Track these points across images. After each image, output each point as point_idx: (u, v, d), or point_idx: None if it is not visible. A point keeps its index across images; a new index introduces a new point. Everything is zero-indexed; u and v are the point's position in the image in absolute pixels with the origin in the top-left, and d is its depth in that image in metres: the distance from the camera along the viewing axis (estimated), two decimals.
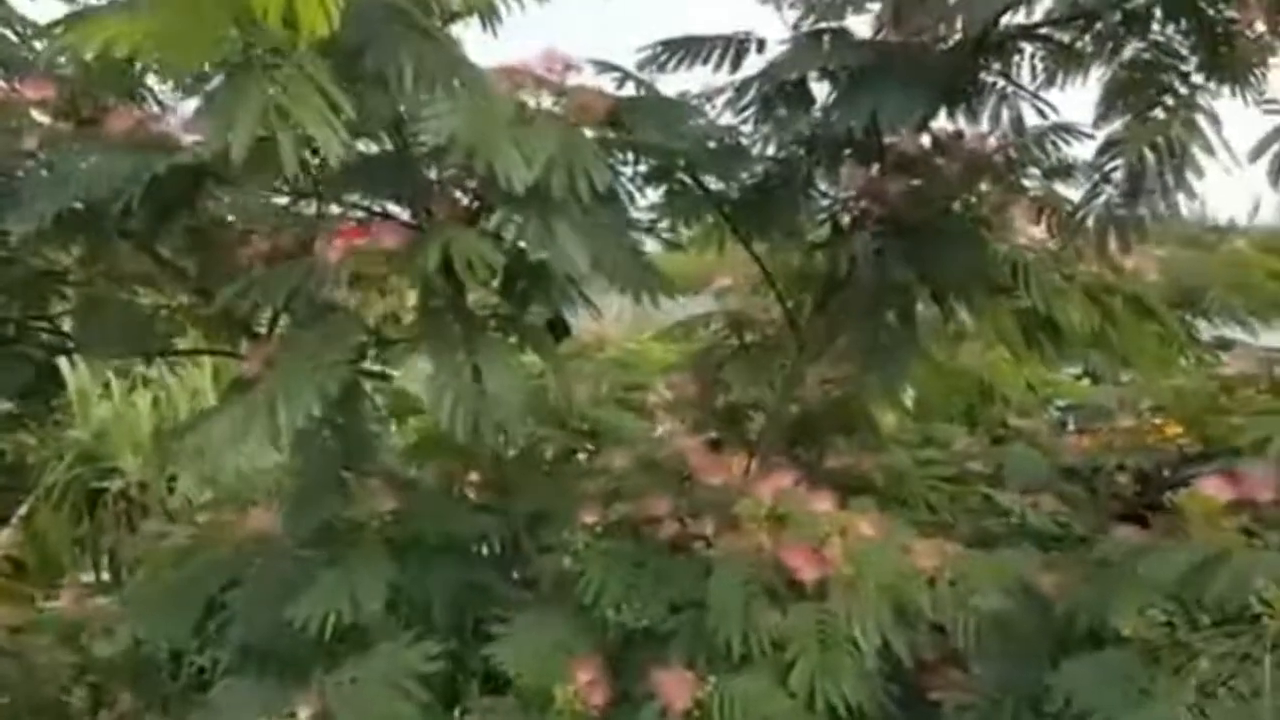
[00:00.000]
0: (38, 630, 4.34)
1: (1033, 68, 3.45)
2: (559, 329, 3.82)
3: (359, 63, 2.36)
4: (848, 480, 3.92)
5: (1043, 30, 3.21)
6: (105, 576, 6.12)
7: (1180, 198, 2.70)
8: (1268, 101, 3.00)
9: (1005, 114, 3.29)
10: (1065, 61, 3.39)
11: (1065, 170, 3.50)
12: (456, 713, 2.95)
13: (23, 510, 6.44)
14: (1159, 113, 2.78)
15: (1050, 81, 3.44)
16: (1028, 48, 3.40)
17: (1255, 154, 2.56)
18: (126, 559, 5.75)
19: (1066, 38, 3.35)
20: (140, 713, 3.99)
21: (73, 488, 6.55)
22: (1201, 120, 2.73)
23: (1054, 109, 3.31)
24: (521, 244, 2.55)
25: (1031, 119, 3.51)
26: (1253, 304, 5.18)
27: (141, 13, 2.09)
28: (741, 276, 4.08)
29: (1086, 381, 5.95)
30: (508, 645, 2.92)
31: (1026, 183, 3.54)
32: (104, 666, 4.15)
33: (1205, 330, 5.36)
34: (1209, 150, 2.66)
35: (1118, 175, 2.85)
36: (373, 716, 2.73)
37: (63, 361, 5.43)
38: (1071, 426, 5.49)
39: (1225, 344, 5.02)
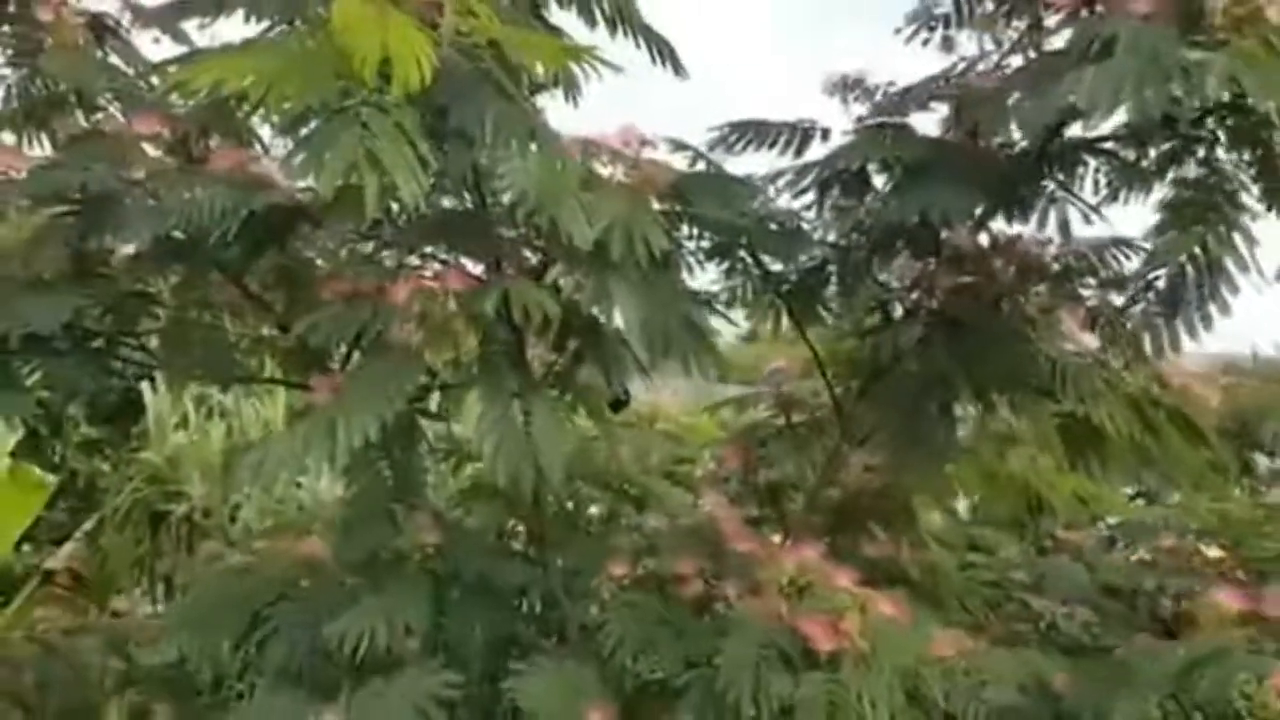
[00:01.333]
0: (88, 634, 4.55)
1: (1095, 181, 3.55)
2: (620, 403, 3.99)
3: (445, 119, 2.57)
4: (882, 571, 3.99)
5: (1107, 145, 3.32)
6: (160, 596, 6.34)
7: (1215, 311, 2.78)
8: None
9: (1056, 221, 3.39)
10: (1128, 177, 3.49)
11: (1119, 282, 3.58)
12: None
13: (88, 526, 6.71)
14: (1200, 228, 2.88)
15: (1114, 196, 3.55)
16: (1091, 161, 3.51)
17: None
18: (182, 580, 5.97)
19: (1132, 154, 3.46)
20: None
21: (138, 509, 6.82)
22: (1238, 238, 2.83)
23: (1105, 220, 3.41)
24: (578, 298, 2.71)
25: (1091, 231, 3.62)
26: None
27: (249, 57, 2.31)
28: (794, 360, 4.20)
29: (1142, 501, 5.94)
30: (529, 683, 3.03)
31: (1083, 291, 3.62)
32: (146, 676, 4.33)
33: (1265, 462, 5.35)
34: (1243, 267, 2.75)
35: (1160, 285, 2.94)
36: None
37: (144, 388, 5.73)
38: (1120, 545, 5.49)
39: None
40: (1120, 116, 2.77)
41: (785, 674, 2.90)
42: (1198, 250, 2.81)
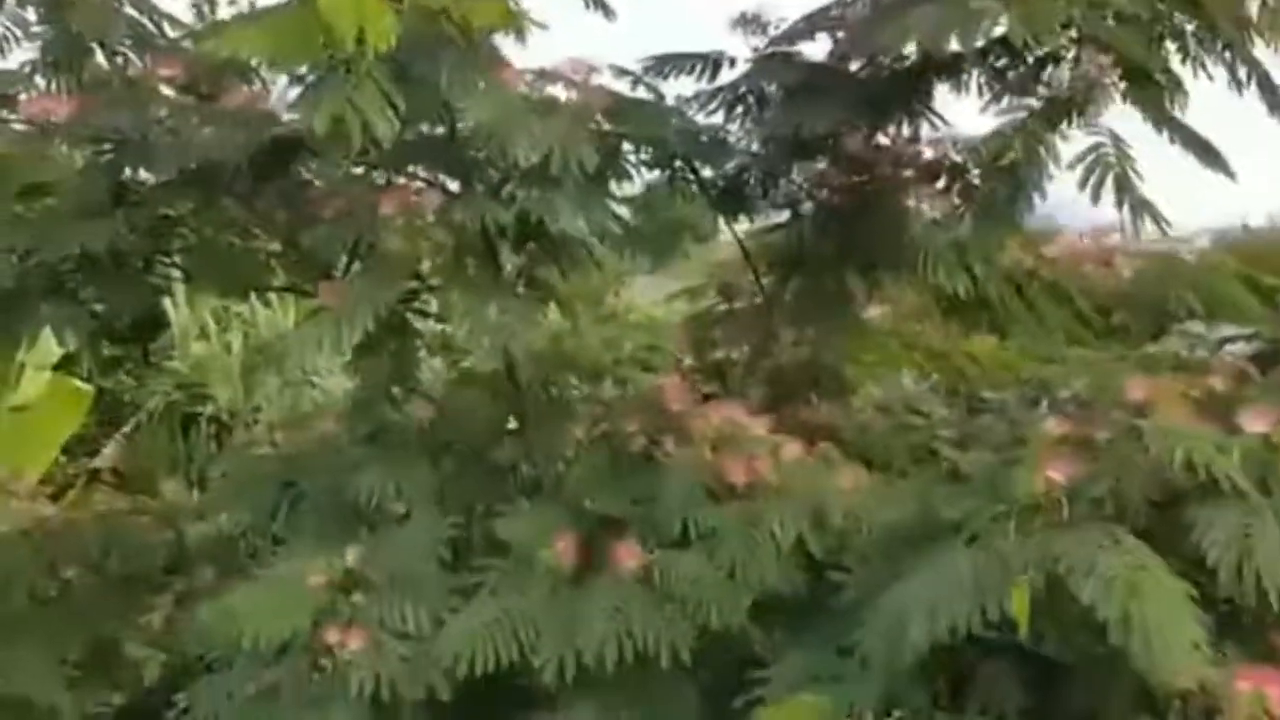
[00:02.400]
0: (141, 514, 5.32)
1: (979, 87, 4.16)
2: None
3: (411, 69, 3.21)
4: (817, 431, 4.68)
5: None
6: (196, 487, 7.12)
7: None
8: None
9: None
10: (1005, 85, 4.10)
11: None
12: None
13: (126, 429, 7.48)
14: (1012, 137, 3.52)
15: (996, 99, 4.16)
16: (975, 71, 4.12)
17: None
18: (215, 472, 6.73)
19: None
20: (220, 580, 4.90)
21: (170, 413, 7.57)
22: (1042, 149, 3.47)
23: (950, 125, 4.03)
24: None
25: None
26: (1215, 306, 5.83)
27: (259, 30, 2.95)
28: (732, 252, 4.86)
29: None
30: (508, 523, 3.76)
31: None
32: (194, 544, 5.09)
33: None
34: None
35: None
36: (402, 559, 3.58)
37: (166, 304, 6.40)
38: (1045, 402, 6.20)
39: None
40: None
41: (710, 505, 3.62)
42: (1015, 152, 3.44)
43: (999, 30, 3.27)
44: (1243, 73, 3.83)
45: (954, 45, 3.21)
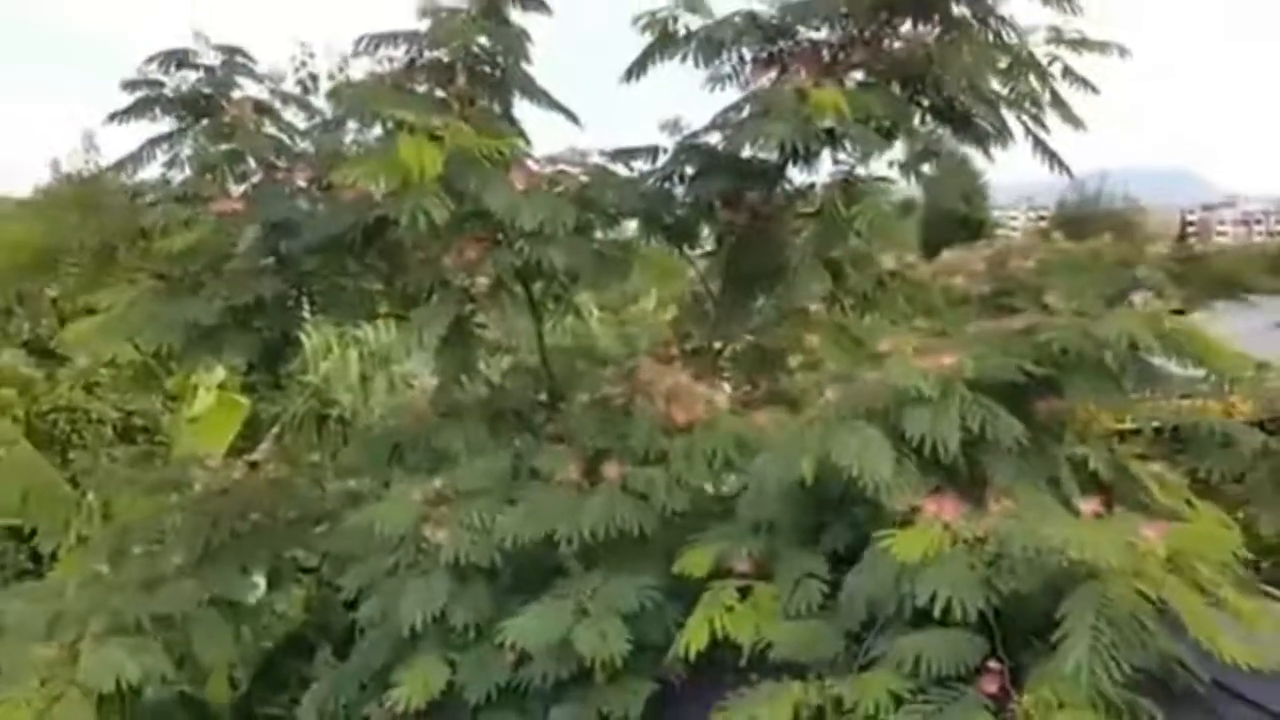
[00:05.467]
0: (299, 476, 7.54)
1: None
2: None
3: (455, 181, 5.32)
4: (774, 396, 6.66)
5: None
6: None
7: None
8: None
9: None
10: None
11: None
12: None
13: (275, 430, 9.78)
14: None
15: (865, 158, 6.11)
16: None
17: None
18: (344, 455, 8.98)
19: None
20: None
21: (307, 415, 9.87)
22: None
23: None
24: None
25: None
26: None
27: (367, 164, 5.12)
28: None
29: None
30: (539, 458, 5.82)
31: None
32: (333, 497, 7.26)
33: None
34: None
35: None
36: (470, 479, 5.67)
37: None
38: None
39: None
40: None
41: (664, 438, 5.63)
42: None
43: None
44: None
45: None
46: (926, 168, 5.47)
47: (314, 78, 15.63)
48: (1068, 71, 5.90)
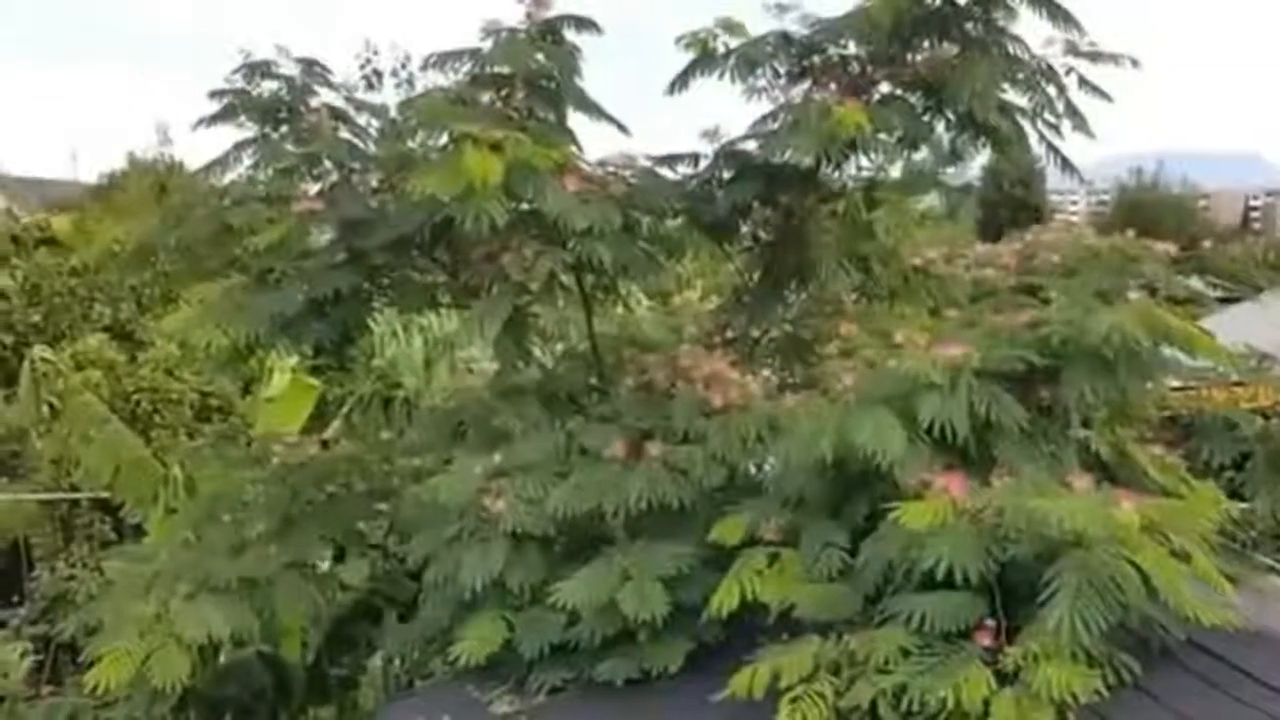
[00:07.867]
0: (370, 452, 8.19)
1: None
2: None
3: (514, 187, 5.88)
4: (811, 381, 7.16)
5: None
6: None
7: None
8: None
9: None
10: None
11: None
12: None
13: (345, 409, 10.47)
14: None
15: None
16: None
17: None
18: (410, 434, 9.62)
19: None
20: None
21: (375, 397, 10.54)
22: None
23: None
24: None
25: None
26: None
27: (433, 175, 5.70)
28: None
29: None
30: (585, 435, 6.39)
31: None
32: (400, 472, 7.89)
33: None
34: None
35: None
36: (526, 456, 6.24)
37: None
38: None
39: None
40: None
41: (702, 419, 6.17)
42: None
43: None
44: None
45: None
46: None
47: (378, 74, 16.38)
48: (1084, 82, 6.34)
